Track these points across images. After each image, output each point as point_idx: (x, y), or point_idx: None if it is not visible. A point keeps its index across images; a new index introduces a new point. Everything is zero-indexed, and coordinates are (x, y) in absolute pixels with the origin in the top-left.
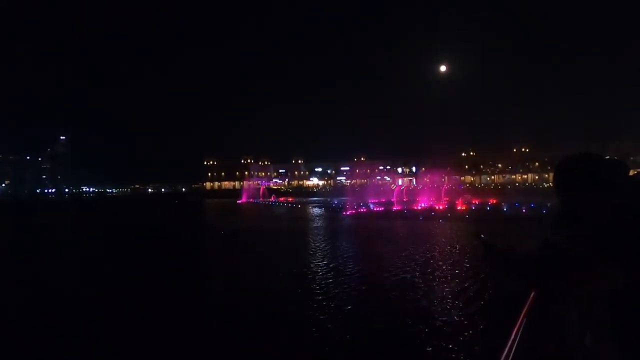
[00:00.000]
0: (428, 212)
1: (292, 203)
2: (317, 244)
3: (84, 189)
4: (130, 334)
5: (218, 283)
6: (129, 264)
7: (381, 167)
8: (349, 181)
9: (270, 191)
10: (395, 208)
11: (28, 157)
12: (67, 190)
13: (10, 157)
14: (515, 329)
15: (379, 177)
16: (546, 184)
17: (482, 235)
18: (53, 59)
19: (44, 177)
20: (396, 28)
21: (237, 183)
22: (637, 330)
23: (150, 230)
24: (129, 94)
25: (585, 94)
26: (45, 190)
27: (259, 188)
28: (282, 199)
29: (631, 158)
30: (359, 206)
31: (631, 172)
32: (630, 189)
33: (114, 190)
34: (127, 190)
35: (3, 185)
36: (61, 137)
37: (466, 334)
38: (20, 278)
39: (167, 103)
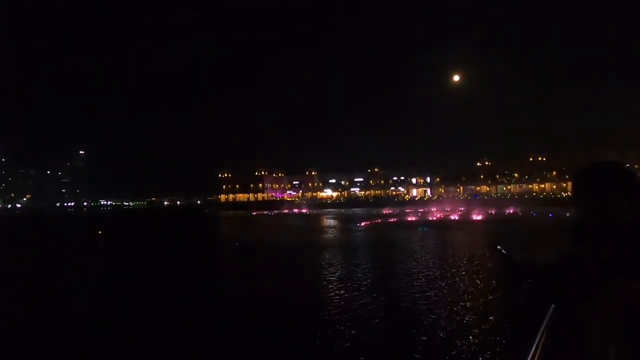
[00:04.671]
0: (443, 223)
1: (306, 214)
2: (337, 264)
3: (102, 202)
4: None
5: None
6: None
7: (395, 178)
8: (362, 192)
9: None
10: (409, 219)
11: (48, 172)
12: (85, 203)
13: (31, 172)
14: (535, 344)
15: (392, 188)
16: (564, 193)
17: (499, 247)
18: (72, 75)
19: (64, 191)
20: (409, 38)
21: (251, 195)
22: None
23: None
24: (147, 109)
25: (604, 101)
26: (65, 204)
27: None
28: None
29: None
30: (374, 217)
31: None
32: None
33: (130, 203)
34: (144, 203)
35: (24, 199)
36: (80, 152)
37: (485, 349)
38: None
39: (183, 117)
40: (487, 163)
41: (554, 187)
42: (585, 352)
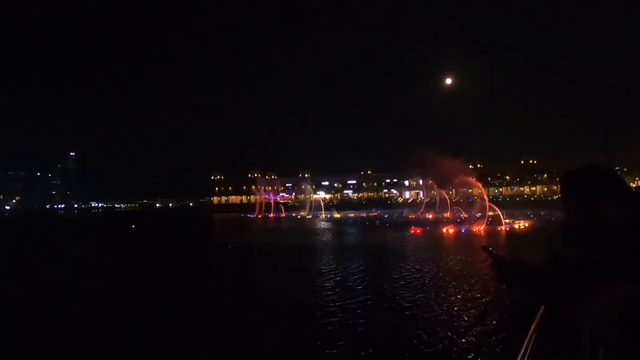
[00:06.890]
0: (435, 225)
1: (301, 217)
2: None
3: (93, 205)
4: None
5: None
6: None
7: (388, 180)
8: (355, 194)
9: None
10: (402, 220)
11: (38, 173)
12: (76, 205)
13: (21, 174)
14: (525, 344)
15: (385, 190)
16: (555, 196)
17: (491, 248)
18: (63, 76)
19: (54, 192)
20: (407, 39)
21: (244, 197)
22: None
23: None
24: (138, 111)
25: (595, 104)
26: (55, 206)
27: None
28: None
29: None
30: (366, 219)
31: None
32: None
33: (122, 205)
34: (136, 205)
35: (13, 201)
36: (71, 154)
37: (475, 350)
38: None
39: (174, 119)
40: (479, 166)
41: (545, 189)
42: (575, 352)
